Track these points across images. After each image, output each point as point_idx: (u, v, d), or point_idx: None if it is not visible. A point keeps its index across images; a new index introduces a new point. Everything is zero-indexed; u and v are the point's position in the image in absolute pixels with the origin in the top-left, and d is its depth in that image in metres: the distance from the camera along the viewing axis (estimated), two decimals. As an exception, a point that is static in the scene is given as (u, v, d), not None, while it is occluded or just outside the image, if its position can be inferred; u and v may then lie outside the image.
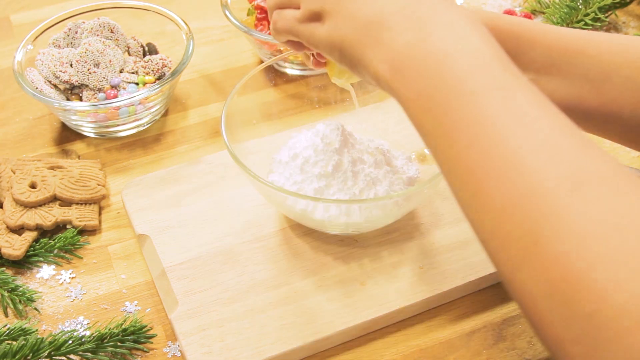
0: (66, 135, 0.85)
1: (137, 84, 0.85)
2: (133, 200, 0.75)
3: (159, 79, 0.86)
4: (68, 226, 0.74)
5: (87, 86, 0.84)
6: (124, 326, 0.64)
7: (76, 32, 0.87)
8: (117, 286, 0.70)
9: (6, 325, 0.64)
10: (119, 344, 0.63)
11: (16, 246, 0.71)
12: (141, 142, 0.84)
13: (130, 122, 0.83)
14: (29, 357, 0.61)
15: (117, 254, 0.72)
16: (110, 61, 0.84)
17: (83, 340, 0.63)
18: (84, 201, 0.76)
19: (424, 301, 0.66)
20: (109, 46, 0.85)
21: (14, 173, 0.77)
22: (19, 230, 0.73)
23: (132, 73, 0.86)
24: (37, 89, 0.80)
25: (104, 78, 0.84)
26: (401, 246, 0.70)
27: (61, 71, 0.83)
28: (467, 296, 0.68)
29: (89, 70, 0.83)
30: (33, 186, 0.76)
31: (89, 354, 0.62)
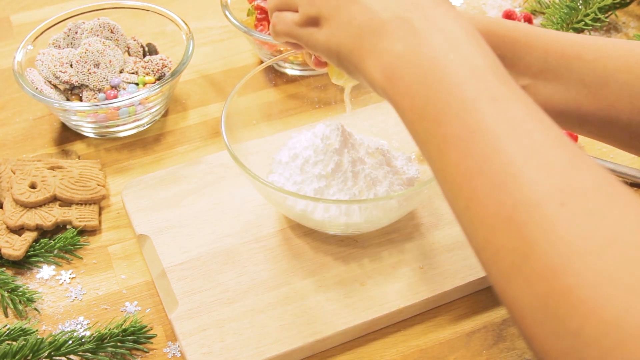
0: (66, 135, 0.85)
1: (137, 84, 0.85)
2: (133, 200, 0.75)
3: (159, 79, 0.86)
4: (68, 226, 0.74)
5: (87, 86, 0.84)
6: (124, 326, 0.64)
7: (76, 33, 0.87)
8: (117, 286, 0.70)
9: (6, 326, 0.64)
10: (119, 344, 0.63)
11: (16, 246, 0.71)
12: (141, 142, 0.84)
13: (130, 123, 0.83)
14: (29, 358, 0.61)
15: (117, 254, 0.72)
16: (110, 61, 0.84)
17: (83, 340, 0.63)
18: (84, 201, 0.76)
19: (424, 301, 0.66)
20: (109, 46, 0.85)
21: (14, 173, 0.77)
22: (19, 230, 0.73)
23: (132, 73, 0.86)
24: (37, 89, 0.80)
25: (104, 78, 0.84)
26: (401, 246, 0.70)
27: (61, 71, 0.83)
28: (467, 296, 0.68)
29: (89, 70, 0.83)
30: (33, 186, 0.76)
31: (89, 354, 0.62)
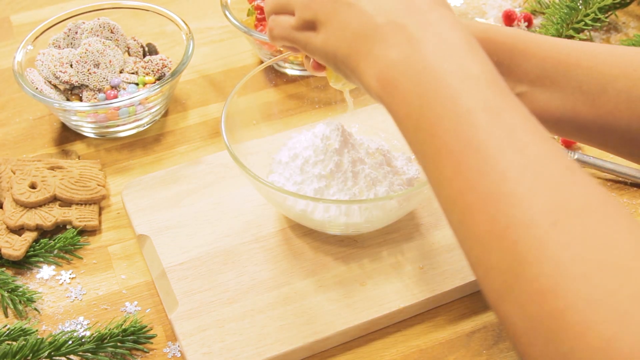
0: (66, 135, 0.85)
1: (137, 84, 0.85)
2: (133, 200, 0.75)
3: (159, 79, 0.86)
4: (68, 226, 0.74)
5: (87, 86, 0.84)
6: (124, 326, 0.64)
7: (76, 33, 0.87)
8: (117, 286, 0.70)
9: (6, 326, 0.64)
10: (119, 344, 0.63)
11: (16, 246, 0.71)
12: (141, 142, 0.84)
13: (130, 123, 0.83)
14: (29, 358, 0.61)
15: (117, 255, 0.72)
16: (110, 61, 0.84)
17: (83, 340, 0.63)
18: (84, 201, 0.76)
19: (424, 301, 0.66)
20: (109, 46, 0.85)
21: (14, 173, 0.77)
22: (19, 230, 0.73)
23: (132, 73, 0.86)
24: (37, 89, 0.80)
25: (104, 78, 0.84)
26: (401, 246, 0.70)
27: (61, 71, 0.83)
28: (467, 297, 0.68)
29: (89, 70, 0.83)
30: (33, 186, 0.76)
31: (89, 354, 0.62)
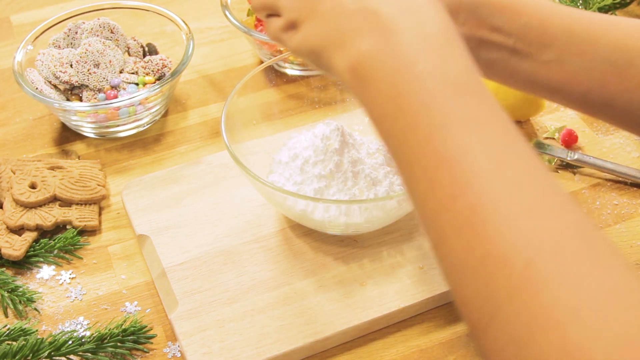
0: (66, 135, 0.85)
1: (137, 84, 0.85)
2: (133, 200, 0.75)
3: (159, 79, 0.86)
4: (68, 226, 0.74)
5: (87, 86, 0.84)
6: (124, 326, 0.64)
7: (76, 33, 0.87)
8: (117, 286, 0.70)
9: (6, 326, 0.64)
10: (119, 344, 0.63)
11: (16, 246, 0.71)
12: (141, 142, 0.84)
13: (130, 123, 0.83)
14: (29, 358, 0.61)
15: (117, 255, 0.72)
16: (110, 61, 0.84)
17: (83, 340, 0.63)
18: (84, 201, 0.76)
19: (424, 301, 0.66)
20: (109, 46, 0.85)
21: (14, 173, 0.77)
22: (19, 230, 0.73)
23: (132, 73, 0.86)
24: (37, 89, 0.80)
25: (104, 78, 0.84)
26: (401, 246, 0.70)
27: (61, 71, 0.83)
28: (467, 296, 0.68)
29: (89, 70, 0.83)
30: (33, 186, 0.76)
31: (89, 354, 0.62)
